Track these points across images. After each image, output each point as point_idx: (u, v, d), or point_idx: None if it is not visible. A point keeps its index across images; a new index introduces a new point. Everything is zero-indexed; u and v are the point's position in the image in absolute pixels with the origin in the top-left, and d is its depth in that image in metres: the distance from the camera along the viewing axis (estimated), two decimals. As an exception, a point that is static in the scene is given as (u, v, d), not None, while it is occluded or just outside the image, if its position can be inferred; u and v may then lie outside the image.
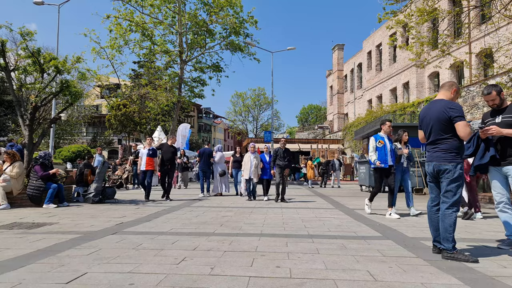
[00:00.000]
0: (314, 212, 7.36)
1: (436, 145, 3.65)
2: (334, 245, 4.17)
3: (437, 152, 3.63)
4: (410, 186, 7.40)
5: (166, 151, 9.94)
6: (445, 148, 3.57)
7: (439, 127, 3.60)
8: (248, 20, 19.01)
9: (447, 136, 3.57)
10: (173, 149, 10.05)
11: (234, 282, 2.80)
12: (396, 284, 2.81)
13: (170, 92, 19.94)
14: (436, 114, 3.63)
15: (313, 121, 71.03)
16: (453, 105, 3.57)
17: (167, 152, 9.91)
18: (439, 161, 3.59)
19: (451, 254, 3.49)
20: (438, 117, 3.60)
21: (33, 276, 2.92)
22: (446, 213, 3.52)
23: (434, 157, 3.65)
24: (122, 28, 18.01)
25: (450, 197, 3.53)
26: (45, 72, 9.11)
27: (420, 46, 11.25)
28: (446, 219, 3.51)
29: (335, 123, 48.06)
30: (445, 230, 3.51)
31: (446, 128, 3.56)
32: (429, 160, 3.72)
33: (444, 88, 3.81)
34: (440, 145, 3.61)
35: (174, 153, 10.01)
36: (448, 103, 3.62)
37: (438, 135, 3.62)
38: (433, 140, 3.69)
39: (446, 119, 3.55)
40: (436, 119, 3.62)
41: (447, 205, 3.53)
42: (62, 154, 26.18)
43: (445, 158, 3.55)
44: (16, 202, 7.90)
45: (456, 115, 3.50)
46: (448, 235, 3.49)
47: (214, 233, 4.91)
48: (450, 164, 3.52)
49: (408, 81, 31.24)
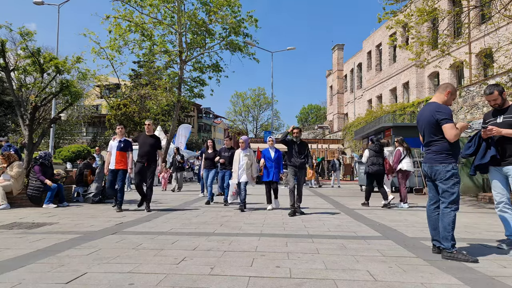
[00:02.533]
0: (314, 212, 7.36)
1: (429, 147, 3.77)
2: (334, 245, 4.17)
3: (429, 153, 3.75)
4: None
5: (143, 143, 7.41)
6: (436, 150, 3.67)
7: (430, 130, 3.72)
8: (248, 20, 19.01)
9: (438, 138, 3.67)
10: (152, 141, 7.44)
11: (234, 282, 2.80)
12: (396, 284, 2.81)
13: (170, 92, 19.94)
14: (426, 118, 3.75)
15: (313, 121, 71.03)
16: (440, 108, 3.66)
17: (143, 145, 7.38)
18: (431, 163, 3.70)
19: (450, 253, 3.50)
20: (428, 120, 3.72)
21: (33, 276, 2.92)
22: (445, 212, 3.56)
23: (427, 159, 3.78)
24: (121, 28, 18.01)
25: (448, 196, 3.58)
26: (45, 72, 9.11)
27: (420, 46, 11.24)
28: (445, 217, 3.55)
29: (335, 123, 48.06)
30: (444, 228, 3.54)
31: (436, 131, 3.67)
32: (424, 162, 3.83)
33: (439, 91, 3.87)
34: (432, 147, 3.72)
35: (154, 146, 7.43)
36: (436, 106, 3.71)
37: (429, 137, 3.74)
38: (427, 142, 3.82)
39: (434, 122, 3.65)
40: (427, 122, 3.75)
41: (446, 204, 3.58)
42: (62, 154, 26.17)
43: (436, 159, 3.65)
44: (16, 202, 7.89)
45: (442, 118, 3.59)
46: (447, 234, 3.52)
47: (214, 233, 4.90)
48: (441, 165, 3.61)
49: (408, 81, 31.24)
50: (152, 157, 7.41)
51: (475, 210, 8.05)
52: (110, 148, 7.48)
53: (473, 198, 10.66)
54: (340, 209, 7.92)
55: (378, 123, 22.24)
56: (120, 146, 7.39)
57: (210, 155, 9.15)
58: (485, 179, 10.83)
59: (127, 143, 7.50)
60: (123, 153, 7.41)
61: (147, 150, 7.32)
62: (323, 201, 10.03)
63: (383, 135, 20.51)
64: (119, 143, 7.42)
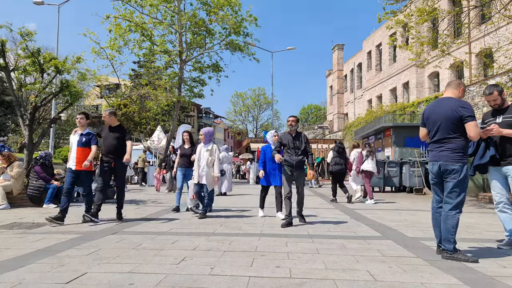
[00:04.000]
0: (314, 212, 7.36)
1: (442, 144, 3.55)
2: (334, 245, 4.17)
3: (444, 151, 3.53)
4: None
5: (106, 136, 6.05)
6: (453, 148, 3.49)
7: (448, 126, 3.51)
8: (248, 19, 19.02)
9: (455, 135, 3.50)
10: (118, 134, 6.01)
11: (234, 282, 2.80)
12: (396, 284, 2.81)
13: (170, 92, 19.93)
14: (446, 112, 3.53)
15: (313, 121, 71.01)
16: (466, 104, 3.51)
17: (107, 138, 6.02)
18: (446, 161, 3.49)
19: (451, 254, 3.49)
20: (448, 116, 3.51)
21: (33, 276, 2.92)
22: (450, 214, 3.47)
23: (440, 156, 3.54)
24: (121, 28, 18.00)
25: (454, 197, 3.48)
26: (45, 72, 9.11)
27: (420, 46, 11.24)
28: (449, 220, 3.47)
29: (335, 123, 48.06)
30: (447, 231, 3.47)
31: (455, 127, 3.49)
32: (434, 160, 3.60)
33: (452, 86, 3.72)
34: (447, 144, 3.52)
35: (119, 138, 5.97)
36: (460, 101, 3.54)
37: (446, 133, 3.53)
38: (439, 139, 3.58)
39: (457, 118, 3.47)
40: (445, 118, 3.53)
41: (451, 206, 3.48)
42: (62, 154, 26.20)
43: (453, 158, 3.47)
44: (16, 202, 7.90)
45: (468, 115, 3.43)
46: (450, 236, 3.47)
47: (214, 233, 4.90)
48: (458, 164, 3.46)
49: (408, 81, 31.25)
50: (117, 154, 5.91)
51: (475, 210, 8.05)
52: (71, 143, 6.05)
53: (473, 198, 10.65)
54: (340, 209, 7.92)
55: (378, 123, 22.22)
56: (80, 141, 5.88)
57: (187, 151, 7.49)
58: (485, 179, 10.82)
59: (89, 136, 5.96)
60: (86, 149, 5.88)
61: (111, 144, 5.94)
62: (323, 201, 10.03)
63: (383, 135, 20.51)
64: (80, 137, 5.90)
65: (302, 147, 5.74)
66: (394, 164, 13.58)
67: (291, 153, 5.70)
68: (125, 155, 5.88)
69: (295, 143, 5.73)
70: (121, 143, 5.98)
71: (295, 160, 5.67)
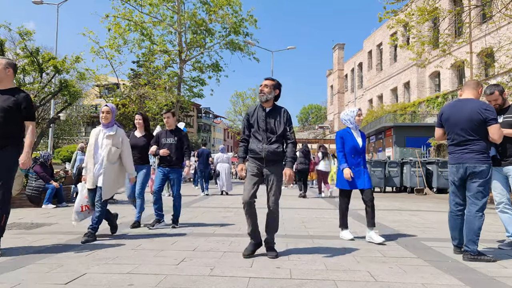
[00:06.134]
0: (314, 212, 7.35)
1: (466, 146, 3.52)
2: (334, 245, 4.15)
3: (468, 153, 3.50)
4: None
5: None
6: (478, 149, 3.48)
7: (471, 127, 3.48)
8: (248, 19, 19.01)
9: (478, 137, 3.49)
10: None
11: (233, 283, 2.79)
12: (396, 284, 2.79)
13: (169, 92, 19.92)
14: (468, 114, 3.50)
15: (313, 121, 71.02)
16: (489, 106, 3.54)
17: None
18: (473, 163, 3.47)
19: (475, 256, 3.46)
20: (471, 118, 3.48)
21: (32, 276, 2.91)
22: (477, 216, 3.46)
23: (466, 159, 3.51)
24: (121, 27, 17.99)
25: (480, 198, 3.47)
26: (44, 72, 9.10)
27: (421, 46, 11.22)
28: (476, 221, 3.45)
29: (336, 122, 48.05)
30: (473, 232, 3.45)
31: (478, 129, 3.47)
32: (459, 162, 3.56)
33: (471, 87, 3.69)
34: (471, 146, 3.50)
35: None
36: (483, 104, 3.54)
37: (468, 135, 3.50)
38: (461, 141, 3.55)
39: (480, 120, 3.45)
40: (467, 120, 3.49)
41: (478, 207, 3.47)
42: (61, 154, 26.15)
43: (480, 159, 3.47)
44: (15, 202, 7.87)
45: (491, 117, 3.44)
46: (476, 238, 3.45)
47: (214, 233, 4.89)
48: (485, 165, 3.46)
49: (409, 80, 31.23)
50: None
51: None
52: None
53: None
54: (340, 209, 7.89)
55: (379, 123, 22.22)
56: None
57: (139, 142, 5.48)
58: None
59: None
60: None
61: None
62: (323, 201, 10.02)
63: (384, 135, 20.49)
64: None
65: (279, 131, 3.63)
66: (395, 164, 13.56)
67: (261, 139, 3.62)
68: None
69: (269, 123, 3.64)
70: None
71: (265, 150, 3.59)
